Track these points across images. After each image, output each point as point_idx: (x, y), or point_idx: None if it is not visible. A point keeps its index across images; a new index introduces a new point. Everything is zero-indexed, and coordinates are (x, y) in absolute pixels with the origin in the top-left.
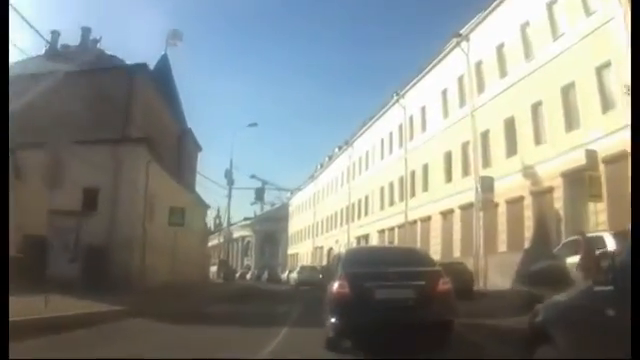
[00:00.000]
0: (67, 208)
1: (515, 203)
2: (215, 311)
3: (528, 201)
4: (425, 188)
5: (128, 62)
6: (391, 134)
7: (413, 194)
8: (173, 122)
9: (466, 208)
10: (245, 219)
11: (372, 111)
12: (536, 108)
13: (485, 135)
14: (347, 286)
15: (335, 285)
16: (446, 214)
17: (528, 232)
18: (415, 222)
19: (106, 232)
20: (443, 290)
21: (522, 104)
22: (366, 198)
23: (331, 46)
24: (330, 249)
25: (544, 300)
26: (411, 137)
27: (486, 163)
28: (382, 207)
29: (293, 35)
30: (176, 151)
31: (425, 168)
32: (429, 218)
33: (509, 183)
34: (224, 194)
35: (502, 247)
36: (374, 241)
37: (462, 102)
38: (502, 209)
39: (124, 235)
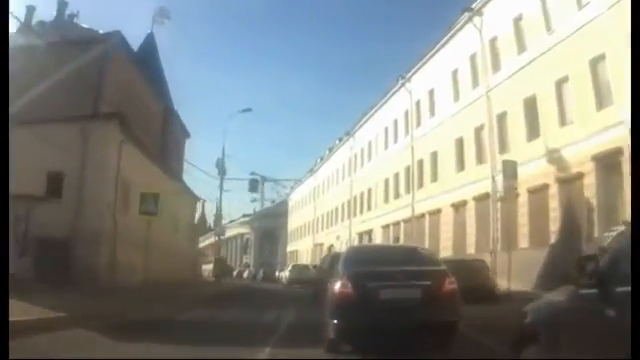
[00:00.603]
0: (26, 194)
1: (538, 192)
2: (187, 319)
3: (554, 190)
4: (434, 178)
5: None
6: (396, 122)
7: (421, 185)
8: (156, 102)
9: (481, 199)
10: (244, 216)
11: (375, 99)
12: (560, 85)
13: (502, 117)
14: (350, 286)
15: (337, 285)
16: (458, 206)
17: (554, 225)
18: (423, 216)
19: (70, 222)
20: (449, 290)
21: (544, 81)
22: (369, 191)
23: (331, 34)
24: (331, 246)
25: None
26: (418, 124)
27: (503, 148)
28: (386, 200)
29: (291, 21)
30: (159, 135)
31: (434, 157)
32: (439, 211)
33: (531, 170)
34: (217, 185)
35: (523, 242)
36: (378, 237)
37: (475, 83)
38: (523, 199)
39: (90, 226)
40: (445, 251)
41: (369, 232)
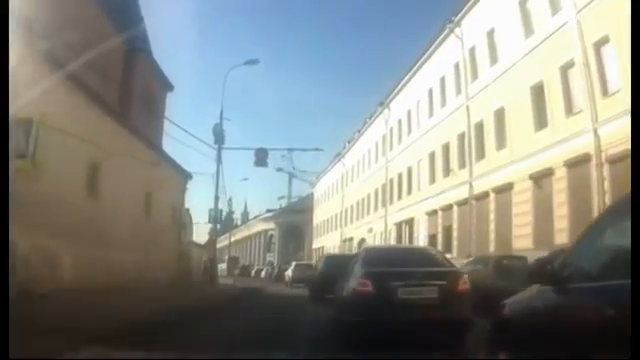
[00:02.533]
0: None
1: None
2: None
3: None
4: (501, 144)
5: None
6: (443, 80)
7: (481, 156)
8: (114, 33)
9: (577, 164)
10: (268, 211)
11: (412, 59)
12: None
13: (600, 45)
14: (370, 285)
15: (357, 284)
16: (540, 178)
17: None
18: (486, 195)
19: None
20: (463, 290)
21: None
22: (409, 171)
23: None
24: (362, 240)
25: None
26: (474, 77)
27: (605, 88)
28: (432, 180)
29: None
30: (119, 80)
31: (499, 115)
32: (509, 187)
33: None
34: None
35: None
36: (421, 227)
37: (554, 7)
38: None
39: None
40: (521, 241)
41: (409, 221)
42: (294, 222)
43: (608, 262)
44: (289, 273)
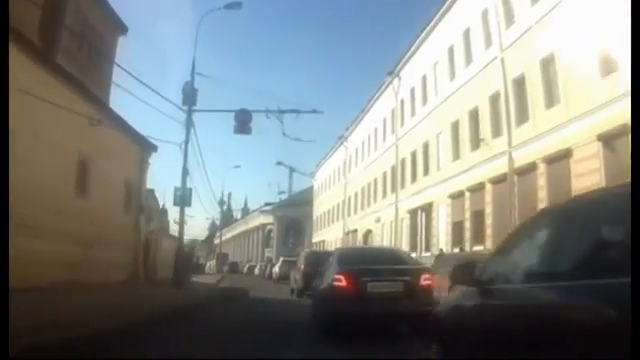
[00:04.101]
0: None
1: None
2: None
3: None
4: (552, 100)
5: None
6: (467, 33)
7: (524, 118)
8: None
9: None
10: (266, 204)
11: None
12: None
13: None
14: (344, 280)
15: (333, 279)
16: (612, 139)
17: None
18: (531, 167)
19: None
20: (425, 285)
21: None
22: (425, 148)
23: None
24: (368, 232)
25: None
26: (509, 22)
27: None
28: (457, 155)
29: None
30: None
31: (547, 63)
32: (567, 154)
33: None
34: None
35: None
36: (442, 212)
37: None
38: None
39: None
40: None
41: (427, 207)
42: (294, 216)
43: (528, 265)
44: (276, 270)
